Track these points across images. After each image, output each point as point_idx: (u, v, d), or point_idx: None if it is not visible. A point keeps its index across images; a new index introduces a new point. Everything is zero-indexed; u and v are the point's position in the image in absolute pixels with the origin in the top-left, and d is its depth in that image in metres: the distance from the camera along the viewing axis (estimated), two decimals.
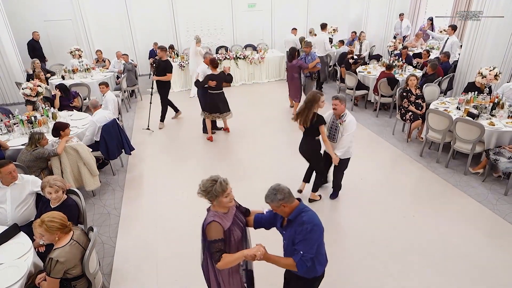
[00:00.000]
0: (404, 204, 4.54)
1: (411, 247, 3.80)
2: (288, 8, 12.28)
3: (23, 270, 2.70)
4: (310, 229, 2.18)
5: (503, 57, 6.74)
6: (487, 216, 4.27)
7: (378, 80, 7.25)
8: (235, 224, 2.43)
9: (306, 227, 2.18)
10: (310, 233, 2.17)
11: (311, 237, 2.17)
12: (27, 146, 4.27)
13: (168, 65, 6.70)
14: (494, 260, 3.59)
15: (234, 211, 2.50)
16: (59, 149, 4.30)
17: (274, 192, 2.24)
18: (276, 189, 2.25)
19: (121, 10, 10.79)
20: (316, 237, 2.21)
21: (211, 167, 5.68)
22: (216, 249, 2.24)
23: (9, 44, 8.70)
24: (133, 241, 4.03)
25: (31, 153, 4.18)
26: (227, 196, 2.35)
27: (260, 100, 8.96)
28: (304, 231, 2.18)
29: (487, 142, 4.96)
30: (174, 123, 7.50)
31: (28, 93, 5.71)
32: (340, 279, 3.42)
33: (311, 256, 2.21)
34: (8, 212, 3.35)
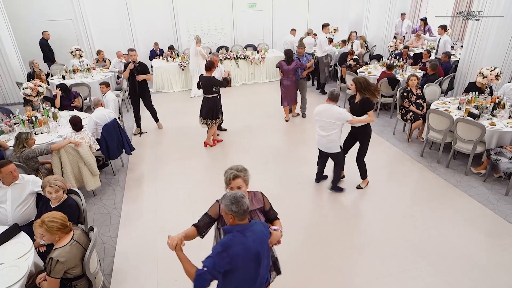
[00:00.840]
0: (405, 204, 4.54)
1: (411, 247, 3.80)
2: (289, 8, 12.28)
3: (24, 270, 2.70)
4: (219, 251, 2.06)
5: (504, 57, 6.74)
6: (488, 216, 4.27)
7: (379, 80, 7.24)
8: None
9: (217, 247, 2.09)
10: (217, 256, 2.05)
11: (216, 259, 2.05)
12: (15, 147, 4.21)
13: (146, 66, 6.56)
14: (494, 260, 3.58)
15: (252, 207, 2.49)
16: (54, 146, 4.30)
17: (232, 201, 2.08)
18: (237, 199, 2.08)
19: (121, 10, 10.80)
20: (222, 263, 2.03)
21: (212, 167, 5.68)
22: (200, 221, 2.52)
23: (10, 44, 8.72)
24: (134, 241, 4.03)
25: (20, 154, 4.12)
26: (231, 189, 2.38)
27: (261, 100, 8.96)
28: (215, 249, 2.09)
29: (488, 142, 4.96)
30: (174, 123, 7.50)
31: (28, 93, 5.72)
32: (340, 279, 3.42)
33: (211, 277, 2.06)
34: (9, 212, 3.35)
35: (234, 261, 2.05)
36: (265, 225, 2.29)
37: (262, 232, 2.20)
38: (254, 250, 2.10)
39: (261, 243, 2.16)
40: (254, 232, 2.14)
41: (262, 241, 2.18)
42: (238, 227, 2.12)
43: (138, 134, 6.98)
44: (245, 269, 2.13)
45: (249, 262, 2.12)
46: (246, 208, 2.09)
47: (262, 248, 2.17)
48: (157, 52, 10.83)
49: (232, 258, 2.05)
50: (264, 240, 2.21)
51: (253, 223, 2.19)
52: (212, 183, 5.20)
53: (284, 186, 5.04)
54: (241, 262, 2.08)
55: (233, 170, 2.42)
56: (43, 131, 5.15)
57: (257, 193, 2.63)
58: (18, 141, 4.19)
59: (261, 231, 2.20)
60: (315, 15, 12.58)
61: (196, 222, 2.50)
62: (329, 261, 3.64)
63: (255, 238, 2.12)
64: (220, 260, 2.04)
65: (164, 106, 8.50)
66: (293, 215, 4.38)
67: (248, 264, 2.12)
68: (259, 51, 10.64)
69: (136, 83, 6.44)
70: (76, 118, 4.79)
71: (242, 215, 2.09)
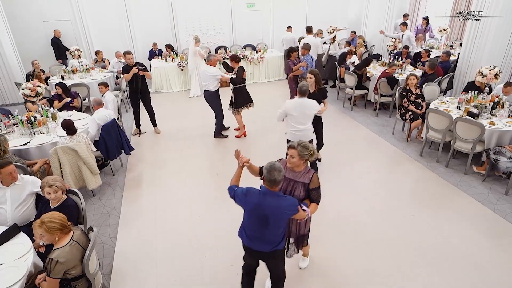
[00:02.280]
0: (404, 204, 4.54)
1: (411, 247, 3.80)
2: (287, 8, 12.27)
3: (23, 270, 2.69)
4: (243, 192, 2.61)
5: (503, 56, 6.75)
6: (488, 215, 4.27)
7: (379, 79, 7.25)
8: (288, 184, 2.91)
9: (245, 189, 2.64)
10: (241, 193, 2.62)
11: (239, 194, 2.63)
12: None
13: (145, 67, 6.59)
14: (494, 260, 3.59)
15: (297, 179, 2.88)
16: (35, 168, 4.32)
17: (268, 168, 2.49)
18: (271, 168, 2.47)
19: (120, 10, 10.78)
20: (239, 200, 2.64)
21: (211, 167, 5.68)
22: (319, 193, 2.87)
23: (9, 45, 8.71)
24: (133, 241, 4.02)
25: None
26: (287, 155, 2.91)
27: (260, 100, 8.94)
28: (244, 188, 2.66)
29: (488, 141, 4.96)
30: (173, 123, 7.49)
31: (27, 94, 5.71)
32: (339, 279, 3.42)
33: (233, 195, 2.68)
34: (8, 212, 3.34)
35: (246, 207, 2.62)
36: (294, 204, 2.56)
37: (283, 207, 2.53)
38: (264, 212, 2.51)
39: (275, 212, 2.52)
40: (276, 201, 2.51)
41: (277, 211, 2.52)
42: (264, 189, 2.53)
43: (137, 135, 6.98)
44: (252, 220, 2.62)
45: (256, 218, 2.58)
46: (274, 179, 2.44)
47: (273, 216, 2.53)
48: (156, 52, 10.83)
49: (245, 204, 2.60)
50: (280, 212, 2.54)
51: (281, 196, 2.57)
52: (211, 183, 5.20)
53: None
54: (250, 212, 2.61)
55: (294, 142, 2.80)
56: (42, 131, 5.14)
57: (311, 172, 2.90)
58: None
59: (282, 205, 2.53)
60: (314, 15, 12.58)
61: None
62: (328, 261, 3.64)
63: (272, 205, 2.50)
64: (240, 197, 2.61)
65: (163, 106, 8.50)
66: None
67: (256, 219, 2.59)
68: (258, 51, 10.63)
69: (138, 85, 6.45)
70: (68, 122, 4.58)
71: (270, 182, 2.47)
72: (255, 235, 2.66)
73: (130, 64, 6.33)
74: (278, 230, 2.63)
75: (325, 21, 12.18)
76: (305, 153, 2.76)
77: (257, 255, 2.79)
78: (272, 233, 2.62)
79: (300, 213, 2.63)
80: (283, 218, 2.62)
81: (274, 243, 2.66)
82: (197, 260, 3.71)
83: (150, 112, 6.92)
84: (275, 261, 2.82)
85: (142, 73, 6.37)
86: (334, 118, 7.47)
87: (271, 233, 2.61)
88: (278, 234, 2.65)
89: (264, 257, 2.80)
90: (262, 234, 2.62)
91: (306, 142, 2.80)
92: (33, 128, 5.08)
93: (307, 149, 2.77)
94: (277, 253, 2.74)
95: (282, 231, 2.68)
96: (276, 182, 2.45)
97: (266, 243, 2.65)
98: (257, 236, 2.65)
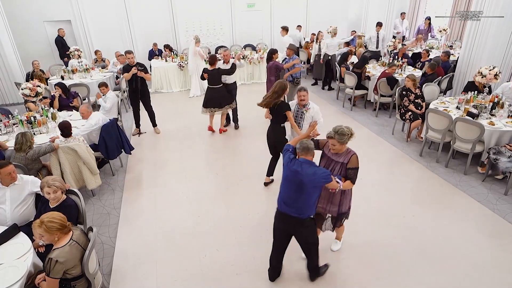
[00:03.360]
0: (404, 204, 4.54)
1: (411, 247, 3.80)
2: (288, 8, 12.27)
3: (23, 270, 2.69)
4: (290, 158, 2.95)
5: (503, 56, 6.75)
6: (487, 216, 4.27)
7: (378, 79, 7.25)
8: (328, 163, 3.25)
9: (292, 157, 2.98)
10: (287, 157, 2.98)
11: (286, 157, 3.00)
12: (18, 150, 4.07)
13: (146, 67, 6.60)
14: (494, 260, 3.59)
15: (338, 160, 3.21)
16: (56, 144, 4.29)
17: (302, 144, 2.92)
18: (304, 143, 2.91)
19: (120, 10, 10.78)
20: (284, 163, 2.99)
21: (211, 167, 5.68)
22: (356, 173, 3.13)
23: (9, 45, 8.71)
24: (133, 241, 4.03)
25: (25, 156, 4.06)
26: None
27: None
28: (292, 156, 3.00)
29: (487, 141, 4.96)
30: (173, 123, 7.49)
31: (27, 93, 5.71)
32: (339, 279, 3.42)
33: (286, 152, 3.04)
34: (8, 212, 3.34)
35: (286, 171, 2.93)
36: (328, 174, 2.87)
37: (318, 174, 2.81)
38: (301, 179, 2.81)
39: (311, 179, 2.81)
40: (312, 169, 2.82)
41: (313, 178, 2.80)
42: (302, 159, 2.89)
43: (137, 135, 6.98)
44: (289, 186, 2.91)
45: (293, 184, 2.88)
46: (307, 146, 2.87)
47: (309, 182, 2.81)
48: (156, 52, 10.82)
49: (287, 168, 2.93)
50: (315, 179, 2.81)
51: (316, 165, 2.92)
52: (211, 183, 5.20)
53: None
54: (289, 178, 2.91)
55: (331, 132, 3.06)
56: (42, 131, 5.14)
57: (351, 152, 3.16)
58: (23, 142, 4.04)
59: (318, 173, 2.82)
60: (314, 15, 12.58)
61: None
62: (328, 260, 3.63)
63: (309, 172, 2.80)
64: (287, 159, 2.96)
65: (163, 106, 8.50)
66: None
67: (293, 185, 2.88)
68: (258, 51, 10.63)
69: (138, 85, 6.44)
70: (65, 124, 4.51)
71: (303, 149, 2.87)
72: (290, 201, 2.92)
73: (131, 63, 6.33)
74: (310, 198, 2.89)
75: (325, 21, 12.19)
76: (343, 139, 3.01)
77: (289, 221, 2.98)
78: (305, 200, 2.88)
79: (333, 183, 2.92)
80: (317, 186, 2.87)
81: (305, 210, 2.91)
82: (197, 260, 3.71)
83: (150, 112, 6.92)
84: (305, 230, 3.03)
85: (140, 74, 6.33)
86: (334, 118, 7.46)
87: (304, 200, 2.87)
88: (310, 203, 2.91)
89: (295, 225, 2.99)
90: (296, 200, 2.88)
91: (342, 129, 3.01)
92: (33, 128, 5.08)
93: (345, 135, 3.00)
94: (307, 221, 2.97)
95: (314, 201, 2.94)
96: (309, 149, 2.86)
97: (299, 209, 2.90)
98: (292, 201, 2.91)
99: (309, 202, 2.90)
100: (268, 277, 3.42)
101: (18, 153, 4.09)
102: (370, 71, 8.02)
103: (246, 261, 3.65)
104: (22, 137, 4.08)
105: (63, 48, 9.97)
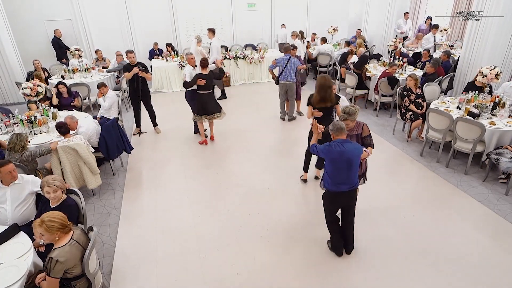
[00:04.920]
0: (404, 204, 4.54)
1: (411, 247, 3.79)
2: (288, 8, 12.27)
3: (23, 269, 2.69)
4: (326, 147, 3.27)
5: (504, 56, 6.75)
6: (488, 216, 4.27)
7: (379, 79, 7.24)
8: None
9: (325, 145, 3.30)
10: (324, 148, 3.28)
11: (323, 149, 3.30)
12: (10, 150, 4.01)
13: (146, 67, 6.52)
14: (494, 260, 3.58)
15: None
16: (53, 145, 4.27)
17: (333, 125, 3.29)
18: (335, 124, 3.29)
19: (121, 10, 10.79)
20: (324, 154, 3.30)
21: (211, 167, 5.67)
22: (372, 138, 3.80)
23: (9, 44, 8.71)
24: (133, 241, 4.03)
25: (20, 158, 4.02)
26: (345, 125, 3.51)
27: (260, 99, 8.96)
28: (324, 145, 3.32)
29: (488, 141, 4.95)
30: (173, 123, 7.49)
31: (28, 93, 5.71)
32: (339, 279, 3.42)
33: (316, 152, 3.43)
34: (8, 212, 3.34)
35: (331, 156, 3.23)
36: (357, 147, 3.30)
37: (358, 148, 3.29)
38: (347, 156, 3.19)
39: (355, 153, 3.23)
40: (353, 145, 3.26)
41: (356, 152, 3.25)
42: (339, 140, 3.24)
43: (138, 134, 6.98)
44: (338, 167, 3.24)
45: (342, 163, 3.22)
46: (340, 127, 3.23)
47: (355, 157, 3.23)
48: (156, 52, 10.82)
49: (330, 153, 3.23)
50: (358, 153, 3.26)
51: (349, 141, 3.28)
52: (212, 183, 5.19)
53: (285, 185, 5.03)
54: (335, 161, 3.23)
55: (343, 115, 3.57)
56: (42, 131, 5.14)
57: (361, 124, 3.76)
58: (16, 142, 4.00)
59: (358, 147, 3.29)
60: (315, 14, 12.58)
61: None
62: (328, 260, 3.64)
63: (351, 148, 3.21)
64: (323, 150, 3.28)
65: (163, 106, 8.50)
66: (294, 213, 4.38)
67: (341, 164, 3.22)
68: (258, 51, 10.63)
69: (139, 85, 6.43)
70: (60, 123, 4.52)
71: (338, 130, 3.24)
72: (344, 179, 3.28)
73: (132, 63, 6.32)
74: (357, 169, 3.32)
75: (326, 21, 12.21)
76: (354, 117, 3.58)
77: (344, 197, 3.39)
78: (354, 172, 3.29)
79: (364, 153, 3.47)
80: (359, 156, 3.28)
81: (356, 181, 3.36)
82: (197, 260, 3.71)
83: (151, 112, 6.92)
84: (355, 198, 3.49)
85: (142, 74, 6.32)
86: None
87: (354, 173, 3.29)
88: (357, 173, 3.34)
89: (349, 197, 3.41)
90: (348, 176, 3.27)
91: (350, 109, 3.53)
92: (33, 128, 5.08)
93: (355, 113, 3.55)
94: (357, 190, 3.48)
95: (357, 170, 3.35)
96: (343, 129, 3.24)
97: (351, 184, 3.32)
98: (345, 178, 3.28)
99: (357, 172, 3.33)
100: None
101: (12, 154, 4.02)
102: (371, 71, 8.01)
103: (246, 261, 3.65)
104: (17, 138, 4.03)
105: (60, 49, 9.94)
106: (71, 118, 4.94)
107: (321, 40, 10.49)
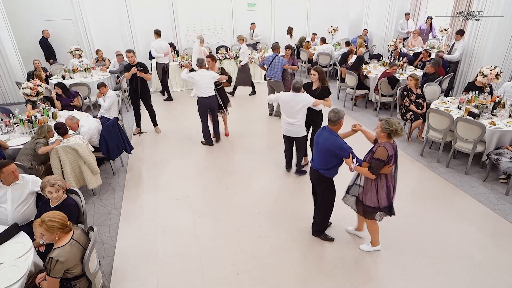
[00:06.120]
0: (404, 204, 4.53)
1: (411, 247, 3.80)
2: (288, 8, 12.26)
3: (23, 269, 2.70)
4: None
5: (504, 56, 6.75)
6: (488, 216, 4.27)
7: (380, 79, 7.24)
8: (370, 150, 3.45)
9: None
10: None
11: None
12: (39, 136, 4.50)
13: (146, 67, 6.53)
14: (495, 260, 3.58)
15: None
16: (57, 142, 4.42)
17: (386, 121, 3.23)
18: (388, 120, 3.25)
19: (121, 10, 10.77)
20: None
21: (211, 167, 5.67)
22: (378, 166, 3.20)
23: (9, 44, 8.71)
24: (133, 241, 4.03)
25: (32, 141, 4.40)
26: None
27: (261, 99, 8.95)
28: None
29: (488, 141, 4.95)
30: (174, 123, 7.49)
31: (28, 93, 5.71)
32: (339, 279, 3.42)
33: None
34: (9, 211, 3.35)
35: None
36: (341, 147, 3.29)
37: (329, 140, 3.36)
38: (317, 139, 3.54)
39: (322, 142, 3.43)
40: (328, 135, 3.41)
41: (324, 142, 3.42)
42: (327, 127, 3.48)
43: (138, 134, 6.98)
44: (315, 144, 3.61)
45: (316, 143, 3.57)
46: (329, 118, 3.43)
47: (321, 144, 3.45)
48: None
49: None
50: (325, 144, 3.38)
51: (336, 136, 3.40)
52: (211, 183, 5.19)
53: (284, 185, 5.04)
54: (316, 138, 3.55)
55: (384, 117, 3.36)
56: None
57: (382, 143, 3.28)
58: (40, 130, 4.54)
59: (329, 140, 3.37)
60: (315, 14, 12.57)
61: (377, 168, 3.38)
62: (328, 260, 3.64)
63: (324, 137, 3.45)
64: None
65: (163, 106, 8.51)
66: (294, 213, 4.39)
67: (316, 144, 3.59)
68: (258, 51, 10.62)
69: (137, 85, 6.42)
70: (58, 124, 4.59)
71: (328, 120, 3.45)
72: (314, 157, 3.59)
73: (131, 63, 6.32)
74: (324, 160, 3.43)
75: (326, 21, 12.20)
76: (385, 126, 3.18)
77: (312, 172, 3.64)
78: (323, 159, 3.43)
79: (348, 160, 3.26)
80: (327, 150, 3.34)
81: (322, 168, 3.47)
82: (197, 260, 3.71)
83: (151, 112, 6.92)
84: (320, 184, 3.64)
85: (140, 74, 6.30)
86: None
87: (322, 159, 3.44)
88: (325, 164, 3.44)
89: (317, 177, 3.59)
90: (317, 158, 3.53)
91: (391, 119, 3.19)
92: (33, 128, 5.08)
93: (390, 126, 3.16)
94: (324, 178, 3.55)
95: (330, 166, 3.42)
96: (331, 120, 3.35)
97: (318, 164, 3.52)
98: (315, 157, 3.56)
99: (324, 162, 3.42)
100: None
101: (39, 137, 4.49)
102: (371, 70, 8.01)
103: (246, 261, 3.65)
104: (45, 125, 4.63)
105: (48, 50, 9.84)
106: (71, 119, 4.96)
107: (321, 40, 10.48)
